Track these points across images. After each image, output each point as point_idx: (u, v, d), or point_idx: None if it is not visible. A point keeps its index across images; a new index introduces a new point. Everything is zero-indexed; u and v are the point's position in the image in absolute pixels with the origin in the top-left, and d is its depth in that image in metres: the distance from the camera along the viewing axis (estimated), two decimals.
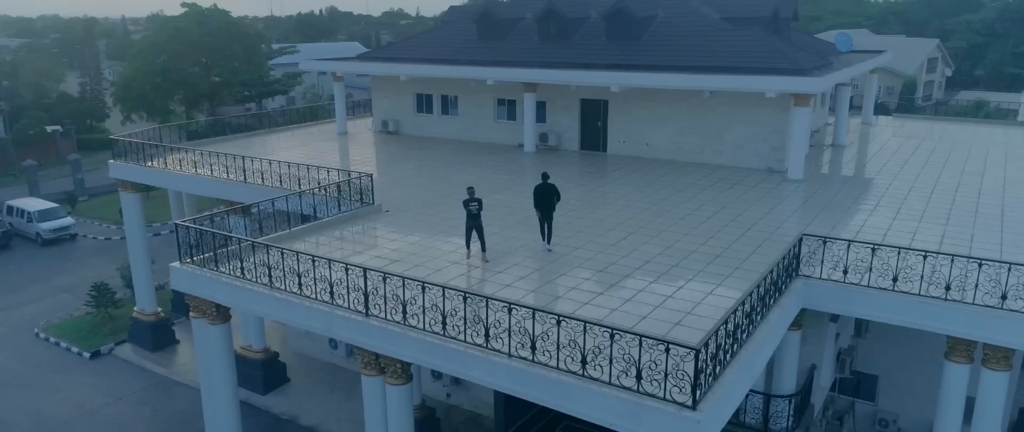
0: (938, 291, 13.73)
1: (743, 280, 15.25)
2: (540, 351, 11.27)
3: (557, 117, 29.62)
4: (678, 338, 12.42)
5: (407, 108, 33.62)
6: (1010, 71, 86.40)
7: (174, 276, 16.29)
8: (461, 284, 15.00)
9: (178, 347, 29.26)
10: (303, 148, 30.70)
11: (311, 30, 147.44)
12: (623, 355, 10.64)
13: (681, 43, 27.09)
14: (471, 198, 16.78)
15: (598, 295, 14.52)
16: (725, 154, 26.14)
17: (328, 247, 17.65)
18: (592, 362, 10.77)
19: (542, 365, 11.13)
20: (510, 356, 11.51)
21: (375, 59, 33.40)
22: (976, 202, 21.11)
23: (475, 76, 29.23)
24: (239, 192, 23.80)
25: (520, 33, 31.31)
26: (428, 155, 29.19)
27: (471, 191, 16.94)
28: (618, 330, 10.55)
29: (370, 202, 20.79)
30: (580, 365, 10.83)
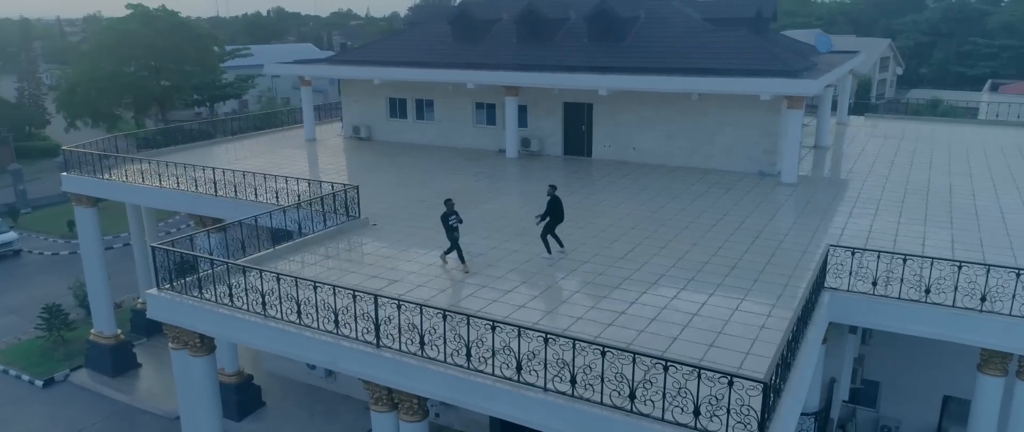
0: (971, 302, 13.24)
1: (767, 294, 14.59)
2: (580, 384, 10.31)
3: (539, 121, 28.72)
4: (716, 361, 11.71)
5: (379, 113, 32.28)
6: (955, 70, 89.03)
7: (151, 304, 14.81)
8: (472, 306, 13.97)
9: (140, 371, 27.38)
10: (271, 156, 29.12)
11: (259, 31, 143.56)
12: (677, 387, 9.75)
13: (666, 44, 26.47)
14: (451, 211, 16.05)
15: (620, 315, 13.64)
16: (715, 158, 25.60)
17: (318, 267, 16.37)
18: (642, 396, 9.85)
19: (584, 400, 10.16)
20: (546, 390, 10.52)
21: (346, 62, 31.97)
22: (973, 204, 20.97)
23: (454, 79, 28.11)
24: (210, 206, 22.27)
25: (498, 34, 30.30)
26: (405, 162, 27.96)
27: (451, 204, 16.15)
28: (672, 361, 9.66)
29: (356, 215, 19.54)
30: (628, 399, 9.91)
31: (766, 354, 12.00)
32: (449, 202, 16.35)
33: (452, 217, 16.12)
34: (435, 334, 11.60)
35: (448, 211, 16.14)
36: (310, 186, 20.43)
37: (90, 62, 53.59)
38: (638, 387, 9.89)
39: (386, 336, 11.98)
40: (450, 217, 16.11)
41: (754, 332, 12.91)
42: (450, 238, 16.12)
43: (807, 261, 16.44)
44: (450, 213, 16.12)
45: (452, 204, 16.30)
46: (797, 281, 15.27)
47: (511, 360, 10.86)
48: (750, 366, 11.64)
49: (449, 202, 16.35)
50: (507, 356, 10.90)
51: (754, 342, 12.51)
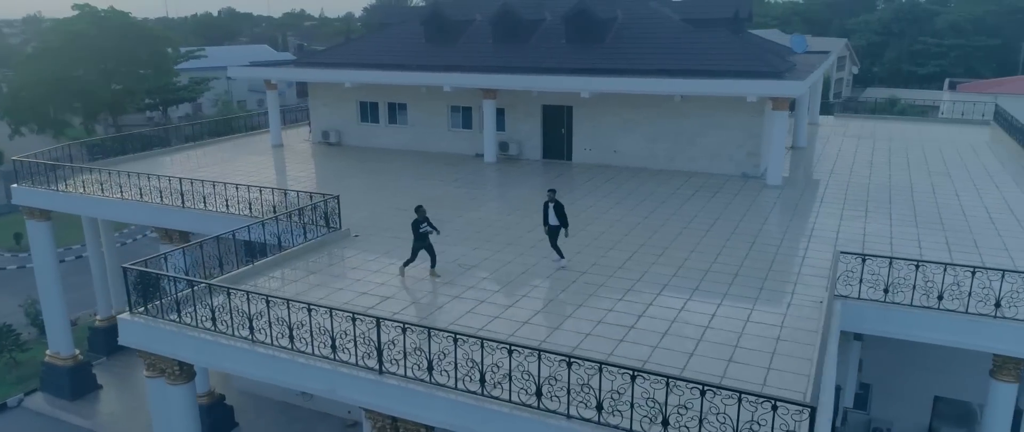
0: (985, 308, 13.00)
1: (774, 303, 14.19)
2: (607, 410, 9.66)
3: (517, 125, 28.04)
4: (738, 378, 11.21)
5: (350, 117, 31.20)
6: (907, 68, 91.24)
7: (124, 330, 13.67)
8: (472, 323, 13.23)
9: (101, 394, 25.86)
10: (237, 164, 27.85)
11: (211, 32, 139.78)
12: (715, 412, 9.17)
13: (647, 45, 26.06)
14: (422, 218, 15.56)
15: (630, 329, 13.05)
16: (698, 160, 25.27)
17: (302, 283, 15.41)
18: (676, 423, 9.25)
19: (613, 428, 9.52)
20: (569, 417, 9.84)
21: (315, 65, 30.79)
22: (958, 204, 21.00)
23: (430, 82, 27.27)
24: (177, 219, 21.06)
25: (472, 36, 29.53)
26: (379, 168, 26.98)
27: (423, 211, 15.68)
28: (709, 386, 9.07)
29: (337, 226, 18.58)
30: (661, 427, 9.29)
31: (788, 369, 11.57)
32: (421, 209, 15.80)
33: (423, 225, 15.52)
34: (445, 359, 10.81)
35: (420, 218, 15.57)
36: (287, 196, 19.38)
37: (35, 65, 51.08)
38: (672, 414, 9.29)
39: (389, 361, 11.15)
40: (421, 224, 15.51)
41: (770, 345, 12.46)
42: (418, 246, 15.58)
43: (809, 267, 16.13)
44: (421, 220, 15.56)
45: (424, 211, 15.76)
46: (803, 288, 14.94)
47: (530, 385, 10.15)
48: (773, 382, 11.18)
49: (421, 209, 15.80)
50: (525, 381, 10.19)
51: (773, 356, 12.05)
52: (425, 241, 15.66)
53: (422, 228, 15.54)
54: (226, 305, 12.59)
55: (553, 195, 16.24)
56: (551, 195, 16.25)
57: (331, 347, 11.60)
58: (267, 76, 30.72)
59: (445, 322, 13.35)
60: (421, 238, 15.58)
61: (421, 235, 15.56)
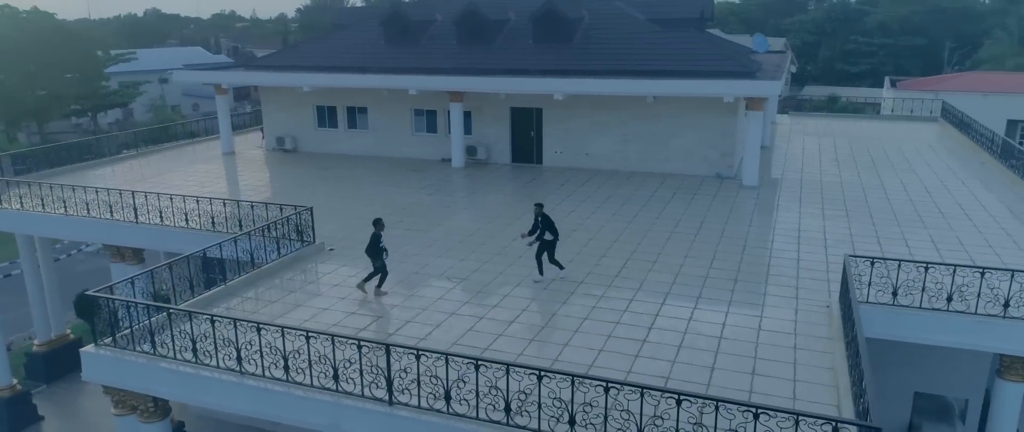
0: (994, 308, 12.94)
1: (782, 308, 13.87)
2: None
3: (485, 128, 27.25)
4: (766, 392, 10.77)
5: (306, 122, 29.82)
6: (840, 67, 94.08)
7: (89, 364, 12.31)
8: (475, 343, 12.44)
9: (43, 425, 23.88)
10: (186, 174, 26.24)
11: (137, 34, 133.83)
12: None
13: (617, 46, 25.65)
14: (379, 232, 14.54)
15: (643, 343, 12.47)
16: (672, 162, 25.00)
17: (282, 304, 14.30)
18: None
19: None
20: None
21: (269, 68, 29.28)
22: (932, 202, 21.23)
23: (394, 85, 26.22)
24: (130, 235, 19.54)
25: (434, 36, 28.59)
26: (343, 176, 25.78)
27: (381, 225, 14.69)
28: (763, 408, 8.53)
29: (311, 240, 17.45)
30: None
31: (812, 379, 11.20)
32: (379, 222, 14.72)
33: (381, 240, 14.47)
34: (465, 387, 9.98)
35: (377, 233, 14.48)
36: (254, 209, 18.12)
37: None
38: None
39: (401, 390, 10.25)
40: (380, 239, 14.46)
41: (788, 354, 12.08)
42: (378, 263, 14.46)
43: (805, 270, 15.92)
44: (379, 235, 14.48)
45: (382, 225, 14.71)
46: (805, 292, 14.68)
47: (562, 412, 9.42)
48: (803, 395, 10.78)
49: (379, 222, 14.72)
50: (557, 408, 9.46)
51: (794, 366, 11.66)
52: (381, 257, 14.53)
53: (382, 243, 14.48)
54: (209, 333, 11.43)
55: (540, 209, 15.36)
56: (539, 209, 15.32)
57: (333, 376, 10.61)
58: (217, 80, 29.06)
59: (446, 342, 12.52)
60: (378, 253, 14.47)
61: (379, 250, 14.47)
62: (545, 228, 15.16)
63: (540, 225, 15.19)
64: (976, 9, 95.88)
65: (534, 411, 9.60)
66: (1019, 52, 69.32)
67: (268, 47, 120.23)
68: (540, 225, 15.19)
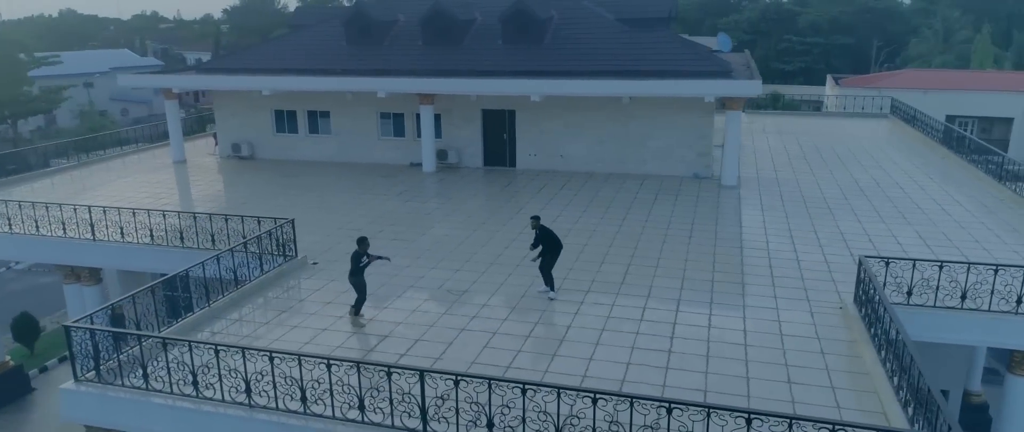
0: (1007, 305, 13.02)
1: (796, 311, 13.68)
2: None
3: (455, 131, 26.47)
4: (806, 400, 10.51)
5: (264, 128, 28.40)
6: (775, 66, 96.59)
7: (69, 403, 11.05)
8: (494, 360, 11.77)
9: None
10: (138, 185, 24.60)
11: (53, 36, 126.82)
12: None
13: (589, 46, 25.26)
14: (364, 252, 13.26)
15: (669, 354, 12.03)
16: (649, 163, 24.77)
17: (277, 326, 13.29)
18: None
19: None
20: None
21: (224, 71, 27.70)
22: (909, 198, 21.57)
23: (362, 88, 25.15)
24: (88, 254, 18.05)
25: (398, 37, 27.62)
26: (310, 184, 24.57)
27: (366, 244, 13.35)
28: (841, 424, 8.14)
29: (293, 255, 16.40)
30: None
31: (851, 386, 11.00)
32: (364, 241, 13.37)
33: (363, 258, 13.25)
34: (509, 414, 9.28)
35: (361, 251, 13.24)
36: (228, 223, 16.90)
37: None
38: None
39: (437, 419, 9.48)
40: (362, 258, 13.23)
41: (818, 360, 11.85)
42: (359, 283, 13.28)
43: (807, 271, 15.83)
44: (363, 254, 13.25)
45: (367, 244, 13.38)
46: (814, 294, 14.56)
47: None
48: (846, 403, 10.52)
49: (364, 241, 13.37)
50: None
51: (829, 372, 11.41)
52: (361, 277, 13.41)
53: (362, 262, 13.30)
54: (210, 363, 10.39)
55: (537, 222, 14.56)
56: (535, 222, 14.51)
57: (359, 407, 9.75)
58: (169, 84, 27.36)
59: (464, 361, 11.82)
60: (359, 273, 13.33)
61: (359, 269, 13.31)
62: (544, 241, 14.39)
63: (539, 239, 14.44)
64: (899, 9, 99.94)
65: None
66: (944, 50, 72.55)
67: (199, 49, 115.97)
68: (539, 239, 14.44)
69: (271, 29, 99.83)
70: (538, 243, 14.46)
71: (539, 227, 14.42)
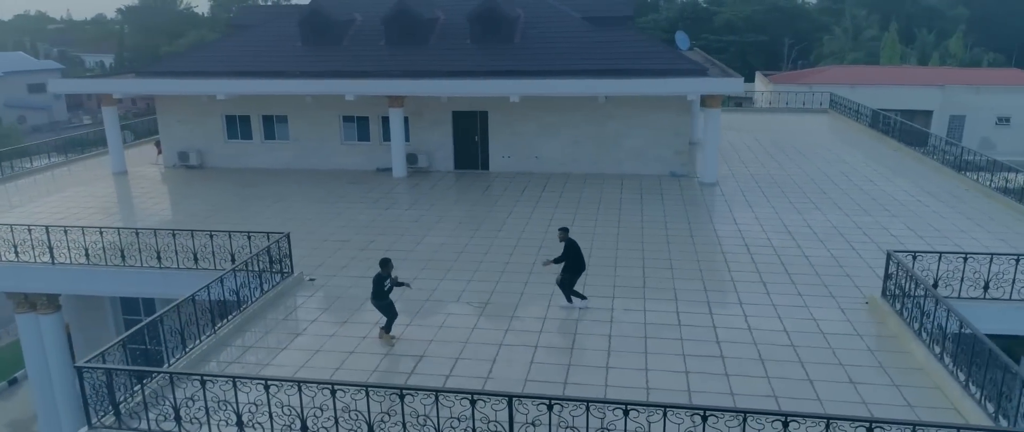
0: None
1: (825, 307, 13.74)
2: None
3: (425, 134, 25.51)
4: (876, 400, 10.41)
5: (214, 134, 26.56)
6: None
7: None
8: (546, 376, 11.14)
9: None
10: (77, 200, 22.50)
11: None
12: None
13: (559, 45, 24.86)
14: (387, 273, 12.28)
15: (722, 359, 11.74)
16: (625, 162, 24.59)
17: (296, 352, 12.21)
18: None
19: None
20: None
21: (169, 74, 25.65)
22: (882, 191, 22.20)
23: (326, 91, 23.83)
24: (44, 280, 16.22)
25: (358, 37, 26.40)
26: (272, 193, 23.07)
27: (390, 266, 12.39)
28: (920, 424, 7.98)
29: (289, 271, 15.22)
30: None
31: (914, 383, 11.00)
32: (388, 263, 12.40)
33: (387, 282, 12.32)
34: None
35: (385, 274, 12.29)
36: (214, 239, 15.51)
37: None
38: None
39: None
40: (385, 281, 12.29)
41: (868, 357, 11.86)
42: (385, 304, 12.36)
43: (820, 266, 15.96)
44: (386, 277, 12.29)
45: (391, 266, 12.42)
46: (836, 289, 14.63)
47: None
48: (915, 400, 10.46)
49: (388, 263, 12.40)
50: None
51: (885, 370, 11.38)
52: (386, 299, 12.44)
53: (386, 285, 12.34)
54: (263, 399, 9.30)
55: (565, 234, 13.72)
56: (564, 234, 13.70)
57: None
58: (109, 90, 25.13)
59: (517, 379, 11.17)
60: (384, 295, 12.37)
61: (384, 293, 12.35)
62: (569, 257, 13.70)
63: (564, 253, 13.71)
64: (806, 8, 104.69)
65: None
66: (855, 48, 76.43)
67: (101, 52, 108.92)
68: (564, 253, 13.71)
69: (179, 29, 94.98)
70: (562, 258, 13.72)
71: (567, 240, 13.70)
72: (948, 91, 46.02)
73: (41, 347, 17.15)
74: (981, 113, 45.68)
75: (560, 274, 13.75)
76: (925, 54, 71.94)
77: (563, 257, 13.64)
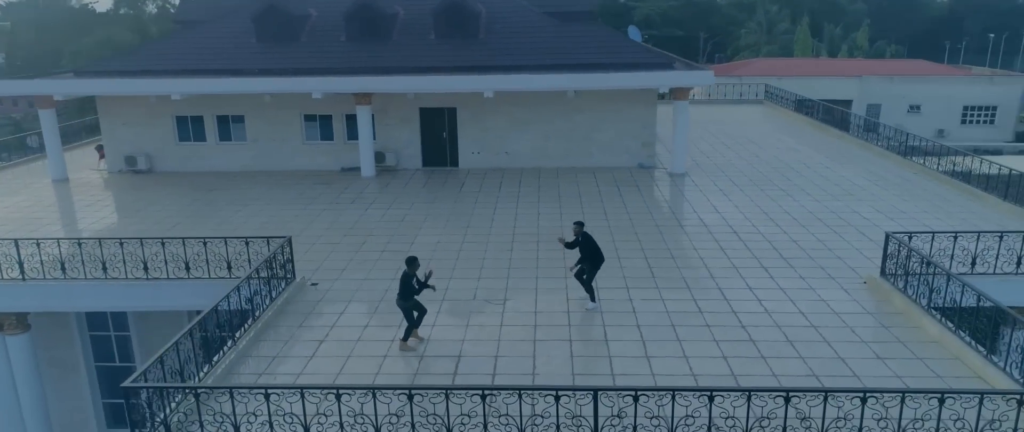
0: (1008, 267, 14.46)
1: (829, 288, 14.38)
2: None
3: (392, 132, 25.04)
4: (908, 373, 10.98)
5: (164, 137, 25.18)
6: None
7: None
8: (596, 370, 11.22)
9: None
10: (20, 207, 20.91)
11: None
12: None
13: (525, 40, 24.92)
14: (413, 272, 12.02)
15: (754, 343, 12.09)
16: (595, 155, 24.89)
17: (328, 359, 11.80)
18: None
19: None
20: None
21: (113, 74, 24.06)
22: (840, 177, 23.37)
23: (290, 89, 23.02)
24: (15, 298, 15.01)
25: (316, 33, 25.61)
26: (237, 197, 22.07)
27: (416, 264, 12.15)
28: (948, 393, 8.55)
29: (292, 277, 14.67)
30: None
31: (934, 356, 11.63)
32: (414, 262, 12.16)
33: (415, 281, 12.05)
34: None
35: (411, 273, 12.00)
36: (207, 245, 14.74)
37: None
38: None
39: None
40: (412, 280, 12.02)
41: (885, 333, 12.50)
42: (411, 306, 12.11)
43: (812, 249, 16.66)
44: (412, 276, 12.01)
45: (417, 265, 12.16)
46: (833, 270, 15.31)
47: None
48: (941, 371, 11.11)
49: (414, 262, 12.16)
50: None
51: (904, 344, 12.01)
52: (411, 300, 12.15)
53: (415, 285, 12.05)
54: (333, 409, 8.93)
55: (581, 228, 13.72)
56: (579, 228, 13.67)
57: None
58: (48, 91, 23.35)
59: (564, 374, 11.16)
60: (410, 295, 12.10)
61: (411, 293, 12.07)
62: (586, 250, 13.76)
63: (581, 246, 13.75)
64: (719, 4, 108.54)
65: None
66: (770, 41, 79.97)
67: None
68: (581, 246, 13.75)
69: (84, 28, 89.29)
70: (581, 251, 13.73)
71: (582, 233, 13.71)
72: (865, 82, 48.90)
73: (9, 372, 15.84)
74: (895, 102, 48.77)
75: (578, 266, 13.79)
76: (834, 47, 76.11)
77: (582, 250, 13.67)
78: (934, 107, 48.87)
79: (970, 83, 50.89)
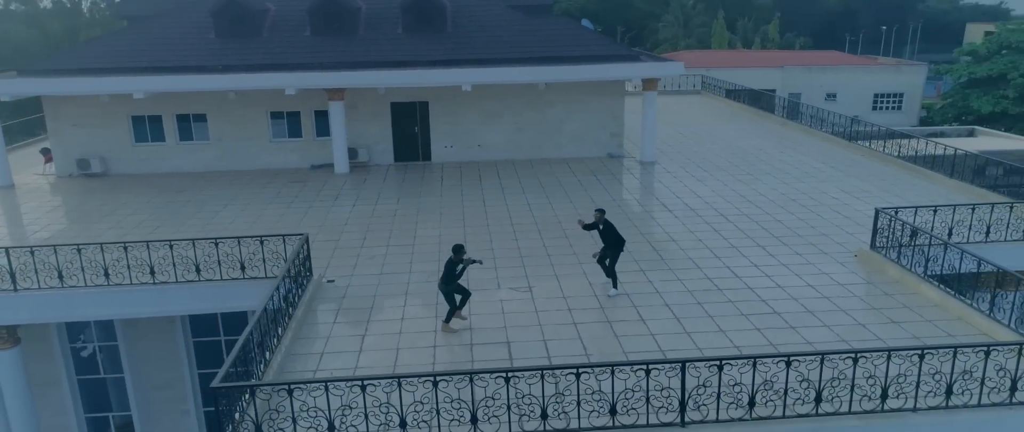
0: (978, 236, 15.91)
1: (825, 262, 15.39)
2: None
3: (363, 127, 24.74)
4: (922, 334, 11.99)
5: (119, 138, 23.96)
6: None
7: None
8: (642, 348, 11.70)
9: None
10: None
11: None
12: None
13: (492, 33, 25.12)
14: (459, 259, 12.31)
15: (778, 315, 12.90)
16: (565, 147, 25.42)
17: (374, 352, 11.82)
18: None
19: None
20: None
21: (64, 72, 22.64)
22: (795, 162, 24.82)
23: (261, 85, 22.43)
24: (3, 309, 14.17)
25: (278, 27, 24.93)
26: (209, 199, 21.30)
27: (462, 251, 12.46)
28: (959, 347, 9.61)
29: (309, 275, 14.48)
30: None
31: (938, 318, 12.70)
32: (461, 249, 12.44)
33: (459, 266, 12.38)
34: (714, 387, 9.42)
35: (457, 259, 12.30)
36: (219, 247, 14.32)
37: None
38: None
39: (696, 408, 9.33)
40: (458, 266, 12.33)
41: (890, 301, 13.50)
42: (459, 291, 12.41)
43: (799, 227, 17.73)
44: (458, 261, 12.32)
45: (464, 252, 12.46)
46: (825, 246, 16.38)
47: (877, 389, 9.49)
48: (950, 331, 12.19)
49: (461, 249, 12.44)
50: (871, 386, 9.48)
51: (909, 309, 13.06)
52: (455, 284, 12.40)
53: (458, 270, 12.36)
54: (430, 397, 9.02)
55: (603, 215, 14.06)
56: (601, 215, 14.00)
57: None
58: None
59: (615, 351, 11.58)
60: (453, 279, 12.36)
61: (454, 277, 12.33)
62: (608, 237, 14.22)
63: (603, 233, 14.19)
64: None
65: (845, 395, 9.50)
66: (687, 34, 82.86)
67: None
68: (603, 233, 14.19)
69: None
70: (595, 227, 14.21)
71: (604, 221, 14.13)
72: (787, 71, 51.65)
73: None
74: (814, 90, 51.71)
75: (601, 253, 14.23)
76: (748, 39, 79.70)
77: (604, 237, 14.08)
78: (848, 95, 52.19)
79: (879, 72, 54.63)
